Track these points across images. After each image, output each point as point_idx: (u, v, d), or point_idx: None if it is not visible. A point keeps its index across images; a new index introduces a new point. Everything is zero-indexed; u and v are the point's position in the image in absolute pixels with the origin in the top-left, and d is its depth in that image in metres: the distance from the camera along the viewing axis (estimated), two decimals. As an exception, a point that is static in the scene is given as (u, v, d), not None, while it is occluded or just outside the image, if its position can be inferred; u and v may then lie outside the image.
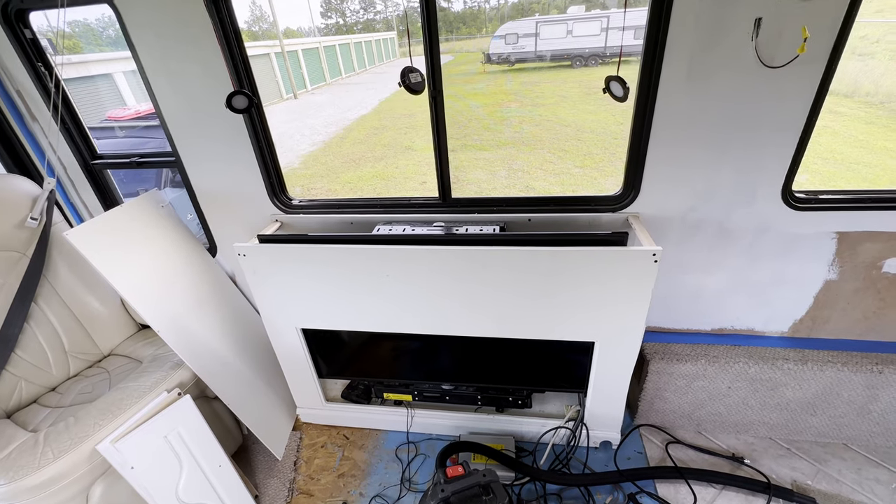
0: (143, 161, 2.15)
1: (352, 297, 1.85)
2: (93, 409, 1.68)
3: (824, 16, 1.38)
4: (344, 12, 31.49)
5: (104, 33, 13.12)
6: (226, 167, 2.04)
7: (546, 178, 8.13)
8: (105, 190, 2.29)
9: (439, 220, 1.98)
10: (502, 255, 1.62)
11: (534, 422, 2.14)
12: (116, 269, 1.76)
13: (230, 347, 2.13)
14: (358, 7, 31.15)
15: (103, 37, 13.12)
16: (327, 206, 2.10)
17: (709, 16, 1.43)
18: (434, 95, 1.74)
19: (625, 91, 1.40)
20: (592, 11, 17.13)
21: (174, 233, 2.12)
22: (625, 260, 1.56)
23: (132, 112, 5.74)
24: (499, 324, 1.79)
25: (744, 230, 1.81)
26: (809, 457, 1.99)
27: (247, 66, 1.80)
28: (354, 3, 30.87)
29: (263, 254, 1.80)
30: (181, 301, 1.98)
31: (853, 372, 1.84)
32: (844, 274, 1.83)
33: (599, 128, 10.36)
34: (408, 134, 11.32)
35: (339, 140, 11.14)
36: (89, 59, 9.96)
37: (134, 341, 2.20)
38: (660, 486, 1.92)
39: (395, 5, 30.58)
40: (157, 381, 1.82)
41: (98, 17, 14.06)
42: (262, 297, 1.93)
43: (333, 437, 2.32)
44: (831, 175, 6.48)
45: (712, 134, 1.63)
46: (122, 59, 10.02)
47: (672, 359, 1.98)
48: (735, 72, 1.51)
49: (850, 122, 8.89)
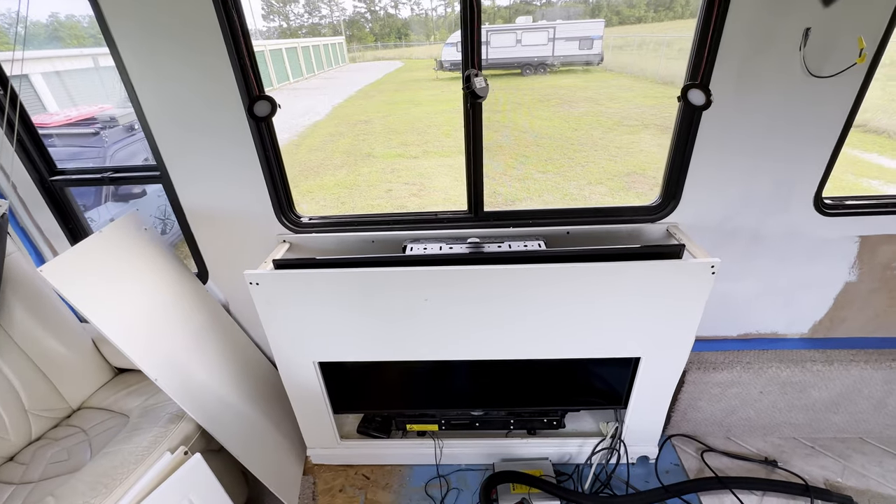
0: (118, 177, 1.83)
1: (382, 326, 1.66)
2: (78, 482, 1.37)
3: (869, 27, 1.41)
4: (287, 15, 30.39)
5: (10, 30, 11.69)
6: (224, 182, 1.77)
7: (511, 184, 8.19)
8: (66, 211, 1.93)
9: (473, 236, 1.84)
10: (555, 273, 1.52)
11: (570, 442, 2.05)
12: (101, 308, 1.46)
13: (232, 388, 1.86)
14: (302, 11, 30.19)
15: (10, 33, 11.69)
16: (343, 224, 1.89)
17: (761, 24, 1.42)
18: (472, 102, 1.61)
19: (708, 100, 1.35)
20: (539, 22, 17.74)
21: (160, 259, 1.81)
22: (681, 273, 1.51)
23: (61, 118, 5.06)
24: (543, 344, 1.68)
25: (775, 237, 1.83)
26: (833, 453, 2.05)
27: (256, 68, 1.57)
28: (298, 7, 29.89)
29: (280, 281, 1.57)
30: (177, 339, 1.69)
31: (874, 369, 1.92)
32: (863, 275, 1.90)
33: (556, 134, 10.64)
34: (366, 140, 11.02)
35: (294, 147, 10.63)
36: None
37: (111, 390, 1.86)
38: (704, 498, 1.89)
39: (340, 10, 30.00)
40: (155, 439, 1.53)
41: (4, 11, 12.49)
42: (275, 330, 1.69)
43: (351, 478, 2.09)
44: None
45: (753, 142, 1.63)
46: (41, 60, 8.93)
47: (708, 368, 1.97)
48: (781, 80, 1.51)
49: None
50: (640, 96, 13.15)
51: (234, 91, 1.55)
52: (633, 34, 21.21)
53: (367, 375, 1.93)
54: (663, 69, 14.48)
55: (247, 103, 1.55)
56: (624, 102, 12.50)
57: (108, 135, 4.72)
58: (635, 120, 10.82)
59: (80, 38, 15.23)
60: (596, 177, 7.87)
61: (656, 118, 10.76)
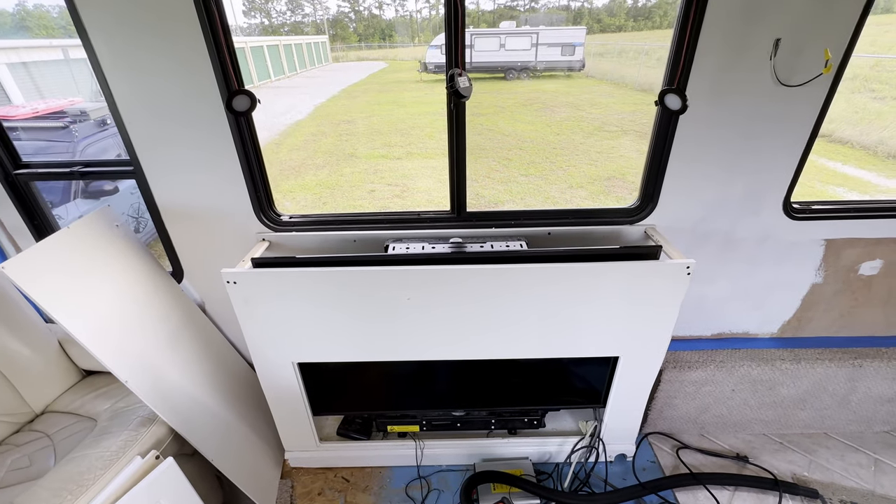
0: (88, 172, 1.76)
1: (364, 326, 1.64)
2: (40, 489, 1.31)
3: (834, 40, 1.47)
4: (269, 12, 29.92)
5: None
6: (201, 179, 1.73)
7: (494, 187, 8.25)
8: (31, 206, 1.85)
9: (456, 236, 1.84)
10: (537, 273, 1.53)
11: (550, 441, 2.07)
12: (68, 308, 1.40)
13: (207, 389, 1.81)
14: (284, 8, 29.77)
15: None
16: (324, 223, 1.87)
17: (735, 33, 1.47)
18: (456, 102, 1.61)
19: (683, 105, 1.38)
20: (523, 27, 17.96)
21: (133, 257, 1.76)
22: (658, 273, 1.55)
23: (28, 111, 4.85)
24: (524, 344, 1.69)
25: (747, 239, 1.89)
26: (800, 449, 2.13)
27: (235, 61, 1.54)
28: (281, 4, 29.45)
29: (259, 280, 1.54)
30: (149, 340, 1.64)
31: (839, 367, 2.00)
32: (828, 277, 1.98)
33: (538, 138, 10.76)
34: (349, 141, 10.92)
35: (275, 146, 10.45)
36: (-41, 47, 8.38)
37: (78, 393, 1.79)
38: (679, 494, 1.93)
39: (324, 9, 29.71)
40: (124, 443, 1.47)
41: (-32, -2, 11.87)
42: (253, 330, 1.65)
43: (331, 480, 2.06)
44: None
45: (727, 147, 1.69)
46: (6, 50, 8.56)
47: (683, 367, 2.02)
48: (753, 88, 1.56)
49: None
50: (620, 103, 13.43)
51: (213, 85, 1.52)
52: (613, 42, 21.67)
53: (347, 376, 1.91)
54: (642, 77, 14.83)
55: (226, 97, 1.52)
56: (604, 108, 12.74)
57: (79, 129, 4.54)
58: (615, 126, 11.04)
59: (49, 30, 14.66)
60: (577, 181, 8.00)
61: (635, 124, 11.01)
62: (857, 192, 7.06)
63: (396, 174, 8.58)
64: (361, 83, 19.42)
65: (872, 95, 10.31)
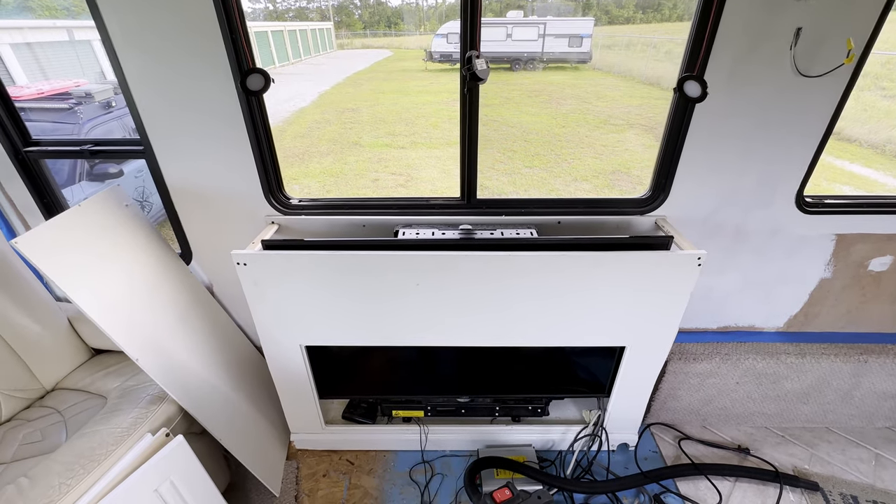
0: (98, 150, 1.76)
1: (372, 310, 1.65)
2: (54, 463, 1.32)
3: (857, 29, 1.45)
4: (274, -3, 29.56)
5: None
6: (211, 160, 1.72)
7: (498, 178, 8.20)
8: (41, 184, 1.84)
9: (465, 223, 1.84)
10: (546, 261, 1.53)
11: (553, 429, 2.08)
12: (80, 285, 1.40)
13: (216, 370, 1.82)
14: (289, -7, 29.39)
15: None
16: (334, 207, 1.87)
17: (755, 21, 1.45)
18: (471, 86, 1.60)
19: (703, 92, 1.37)
20: (530, 17, 17.72)
21: (142, 237, 1.76)
22: (669, 263, 1.54)
23: (33, 91, 4.82)
24: (531, 332, 1.70)
25: (758, 232, 1.89)
26: (802, 442, 2.14)
27: (248, 40, 1.52)
28: (285, -11, 29.08)
29: (269, 262, 1.54)
30: (159, 319, 1.64)
31: (843, 362, 2.01)
32: (837, 272, 1.98)
33: (544, 130, 10.68)
34: (353, 129, 10.86)
35: (279, 133, 10.40)
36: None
37: (87, 371, 1.80)
38: (680, 483, 1.95)
39: (329, -6, 29.34)
40: (135, 420, 1.49)
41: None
42: (262, 312, 1.66)
43: (336, 463, 2.09)
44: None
45: (742, 138, 1.67)
46: (10, 30, 8.49)
47: (689, 358, 2.02)
48: (771, 78, 1.54)
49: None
50: (627, 96, 13.30)
51: (225, 64, 1.50)
52: (621, 34, 21.40)
53: (354, 360, 1.92)
54: (650, 70, 14.66)
55: (239, 77, 1.51)
56: (610, 101, 12.62)
57: (83, 111, 4.52)
58: (621, 119, 10.95)
59: (53, 10, 14.52)
60: (581, 174, 7.95)
61: (642, 118, 10.91)
62: (864, 191, 7.02)
63: (401, 163, 8.53)
64: (366, 71, 19.25)
65: (882, 93, 10.19)
